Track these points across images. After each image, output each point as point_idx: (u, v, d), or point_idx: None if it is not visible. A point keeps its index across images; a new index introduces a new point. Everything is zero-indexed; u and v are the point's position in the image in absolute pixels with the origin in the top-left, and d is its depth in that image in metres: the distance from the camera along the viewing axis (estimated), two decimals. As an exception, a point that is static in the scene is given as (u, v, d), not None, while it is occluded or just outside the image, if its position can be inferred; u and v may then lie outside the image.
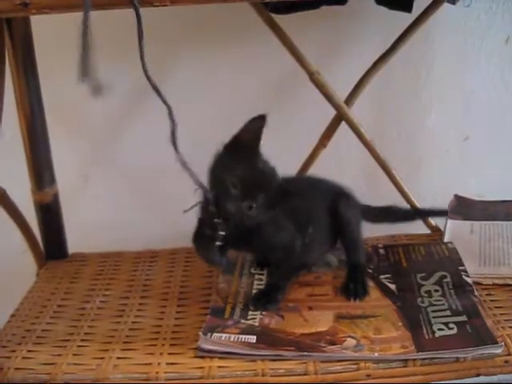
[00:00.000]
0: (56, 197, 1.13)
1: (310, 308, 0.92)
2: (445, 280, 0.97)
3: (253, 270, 1.04)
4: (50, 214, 1.13)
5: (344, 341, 0.84)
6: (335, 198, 0.99)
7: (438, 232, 1.16)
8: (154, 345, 0.87)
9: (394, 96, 1.26)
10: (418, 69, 1.24)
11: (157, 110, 1.17)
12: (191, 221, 0.91)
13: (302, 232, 0.94)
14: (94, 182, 1.29)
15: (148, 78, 0.69)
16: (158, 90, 0.71)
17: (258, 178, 0.84)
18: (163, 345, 0.87)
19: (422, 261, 1.04)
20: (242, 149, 0.83)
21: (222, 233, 0.86)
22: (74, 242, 1.19)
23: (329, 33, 1.18)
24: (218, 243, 0.87)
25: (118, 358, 0.84)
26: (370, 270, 1.01)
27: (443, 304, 0.90)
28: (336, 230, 0.99)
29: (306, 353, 0.81)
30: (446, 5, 1.09)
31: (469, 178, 1.30)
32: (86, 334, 0.91)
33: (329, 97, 1.08)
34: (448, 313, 0.88)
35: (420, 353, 0.80)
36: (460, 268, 0.99)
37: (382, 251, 1.08)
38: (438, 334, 0.83)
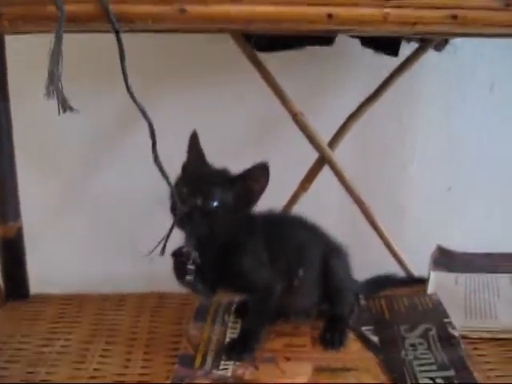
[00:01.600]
0: (20, 231, 1.06)
1: (288, 359, 0.87)
2: (430, 333, 0.92)
3: (227, 318, 0.98)
4: (12, 249, 1.06)
5: (324, 394, 0.78)
6: (328, 249, 0.95)
7: (420, 283, 1.11)
8: (117, 395, 0.80)
9: (377, 143, 1.24)
10: (402, 113, 1.23)
11: (130, 149, 1.15)
12: (162, 265, 0.86)
13: (292, 273, 0.89)
14: (61, 221, 1.23)
15: (132, 96, 0.65)
16: (143, 111, 0.68)
17: (204, 177, 0.84)
18: (127, 395, 0.80)
19: (406, 312, 0.99)
20: (191, 167, 0.87)
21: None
22: (37, 284, 1.12)
23: (313, 74, 1.17)
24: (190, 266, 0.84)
25: (76, 408, 0.77)
26: (351, 321, 0.96)
27: (429, 358, 0.85)
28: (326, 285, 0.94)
29: (283, 407, 0.75)
30: (431, 51, 1.08)
31: (452, 229, 1.27)
32: (42, 380, 0.84)
33: (312, 138, 1.05)
34: (434, 367, 0.83)
35: (406, 409, 0.74)
36: (445, 320, 0.94)
37: (363, 302, 1.02)
38: (424, 389, 0.78)
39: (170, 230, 0.81)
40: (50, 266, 1.18)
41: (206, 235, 0.83)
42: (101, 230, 1.24)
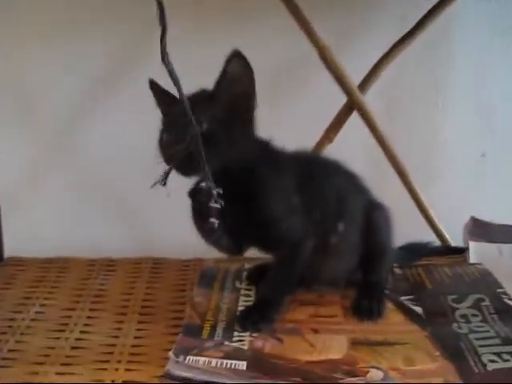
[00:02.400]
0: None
1: (316, 331, 0.72)
2: (483, 303, 0.77)
3: (238, 285, 0.83)
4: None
5: (367, 372, 0.63)
6: (370, 204, 0.80)
7: (458, 253, 0.96)
8: (104, 369, 0.66)
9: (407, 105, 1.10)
10: (435, 73, 1.09)
11: (118, 108, 1.02)
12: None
13: (329, 227, 0.74)
14: (41, 178, 1.07)
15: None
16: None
17: (180, 108, 0.65)
18: (116, 369, 0.66)
19: (450, 282, 0.84)
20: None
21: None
22: (13, 247, 0.98)
23: (344, 14, 1.02)
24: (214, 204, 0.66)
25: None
26: (387, 291, 0.81)
27: (488, 331, 0.71)
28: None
29: (317, 385, 0.60)
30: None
31: (485, 198, 1.12)
32: (10, 351, 0.69)
33: (340, 78, 0.90)
34: (497, 341, 0.69)
35: (472, 389, 0.59)
36: (499, 291, 0.80)
37: (398, 271, 0.88)
38: (490, 366, 0.64)
39: (170, 169, 0.65)
40: (28, 229, 1.04)
41: (215, 164, 0.65)
42: (86, 189, 1.07)
